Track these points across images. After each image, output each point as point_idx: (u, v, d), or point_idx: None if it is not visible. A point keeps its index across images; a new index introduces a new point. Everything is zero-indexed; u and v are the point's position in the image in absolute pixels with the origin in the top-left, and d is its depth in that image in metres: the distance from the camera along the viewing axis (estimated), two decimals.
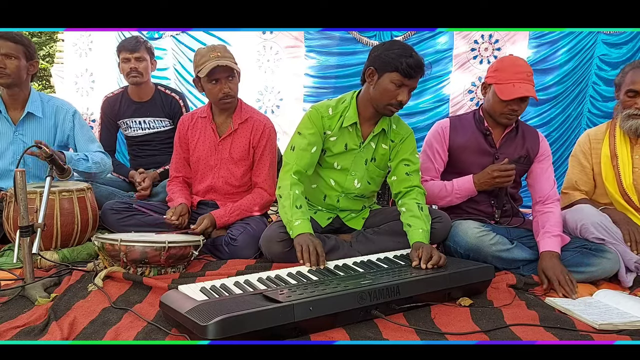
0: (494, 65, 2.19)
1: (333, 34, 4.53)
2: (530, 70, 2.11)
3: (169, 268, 1.92)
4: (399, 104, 1.96)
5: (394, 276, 1.61)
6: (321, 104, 2.13)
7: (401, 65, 1.88)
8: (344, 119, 2.08)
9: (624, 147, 2.26)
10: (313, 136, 2.07)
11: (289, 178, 2.04)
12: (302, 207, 1.97)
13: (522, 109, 2.14)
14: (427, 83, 4.57)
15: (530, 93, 2.05)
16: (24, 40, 2.35)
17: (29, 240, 1.69)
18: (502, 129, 2.25)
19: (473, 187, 2.18)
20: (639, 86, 2.14)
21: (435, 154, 2.28)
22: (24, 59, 2.36)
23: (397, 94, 1.93)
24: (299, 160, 2.05)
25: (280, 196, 2.04)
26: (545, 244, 2.00)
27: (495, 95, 2.12)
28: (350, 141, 2.12)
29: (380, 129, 2.11)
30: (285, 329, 1.33)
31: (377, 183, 2.26)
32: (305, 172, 2.08)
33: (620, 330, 1.49)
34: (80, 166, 2.41)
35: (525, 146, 2.24)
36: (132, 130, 3.05)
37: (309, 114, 2.10)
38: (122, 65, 2.95)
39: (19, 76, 2.36)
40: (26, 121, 2.46)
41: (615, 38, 4.27)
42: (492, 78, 2.15)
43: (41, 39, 9.91)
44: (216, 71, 2.21)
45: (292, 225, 1.93)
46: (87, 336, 1.36)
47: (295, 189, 2.01)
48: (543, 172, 2.24)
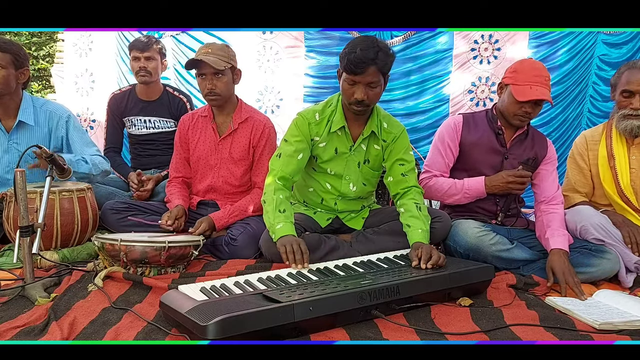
0: (513, 66, 2.19)
1: (333, 34, 4.53)
2: (548, 75, 2.11)
3: (169, 268, 1.92)
4: (357, 102, 1.93)
5: (394, 276, 1.61)
6: (307, 110, 2.11)
7: (345, 62, 1.87)
8: (332, 123, 2.06)
9: (621, 148, 2.26)
10: (300, 143, 2.05)
11: (273, 184, 2.01)
12: (285, 212, 1.93)
13: (536, 113, 2.15)
14: (427, 83, 4.58)
15: (546, 97, 2.05)
16: (12, 49, 2.27)
17: (29, 240, 1.68)
18: (513, 130, 2.25)
19: (483, 189, 2.18)
20: (634, 86, 2.14)
21: (447, 148, 2.27)
22: (12, 68, 2.28)
23: (353, 92, 1.92)
24: (285, 166, 2.03)
25: (264, 202, 2.01)
26: (555, 241, 2.00)
27: (511, 95, 2.12)
28: (340, 145, 2.10)
29: (369, 131, 2.09)
30: (285, 329, 1.33)
31: (372, 183, 2.26)
32: (291, 178, 2.05)
33: (620, 330, 1.49)
34: (80, 169, 2.40)
35: (535, 149, 2.24)
36: (137, 128, 3.05)
37: (295, 121, 2.09)
38: (132, 64, 2.96)
39: (8, 86, 2.29)
40: (19, 129, 2.42)
41: (615, 38, 4.27)
42: (510, 79, 2.15)
43: (41, 39, 9.91)
44: (201, 66, 2.24)
45: (274, 228, 1.89)
46: (87, 336, 1.36)
47: (279, 194, 1.97)
48: (549, 174, 2.25)
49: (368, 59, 1.84)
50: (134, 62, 2.95)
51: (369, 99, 1.93)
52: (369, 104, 1.96)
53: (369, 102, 1.94)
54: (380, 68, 1.87)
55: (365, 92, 1.91)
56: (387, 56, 1.88)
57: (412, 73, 4.57)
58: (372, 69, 1.86)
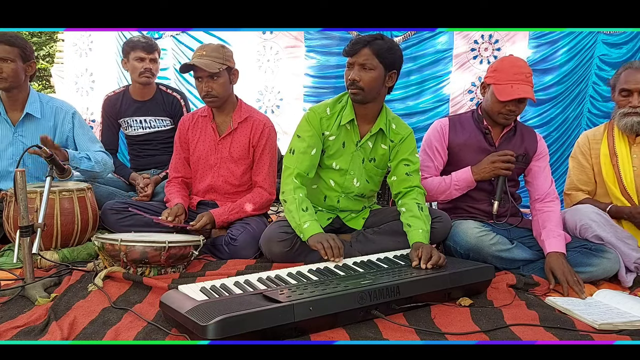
0: (493, 65, 2.19)
1: (333, 34, 4.54)
2: (529, 71, 2.11)
3: (169, 268, 1.92)
4: (351, 84, 1.98)
5: (394, 276, 1.61)
6: (318, 105, 2.14)
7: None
8: (342, 117, 2.09)
9: (623, 146, 2.28)
10: (312, 138, 2.07)
11: (291, 182, 2.04)
12: (308, 210, 1.99)
13: (520, 110, 2.15)
14: (427, 83, 4.58)
15: (528, 95, 2.05)
16: (19, 42, 2.32)
17: (29, 240, 1.68)
18: (500, 128, 2.25)
19: (471, 177, 2.17)
20: (631, 85, 2.18)
21: (435, 152, 2.28)
22: (20, 61, 2.34)
23: (349, 74, 2.00)
24: (300, 163, 2.06)
25: (285, 201, 2.05)
26: (551, 243, 2.01)
27: (493, 95, 2.12)
28: (347, 139, 2.12)
29: (377, 128, 2.11)
30: (285, 329, 1.33)
31: (375, 182, 2.26)
32: (307, 174, 2.08)
33: (620, 330, 1.49)
34: (82, 164, 2.41)
35: (524, 145, 2.24)
36: (133, 129, 3.05)
37: (306, 116, 2.11)
38: (134, 64, 2.91)
39: (17, 79, 2.34)
40: (25, 122, 2.45)
41: (615, 38, 4.28)
42: (491, 78, 2.15)
43: (41, 39, 9.92)
44: (196, 69, 2.24)
45: (301, 228, 1.95)
46: (87, 336, 1.36)
47: (299, 192, 2.02)
48: (541, 171, 2.26)
49: (363, 40, 1.95)
50: (136, 63, 2.91)
51: (362, 82, 1.96)
52: (362, 87, 1.97)
53: (363, 85, 1.97)
54: (375, 51, 1.93)
55: (359, 74, 1.95)
56: (386, 44, 1.96)
57: (412, 73, 4.57)
58: (365, 50, 1.94)
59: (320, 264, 1.80)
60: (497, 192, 2.18)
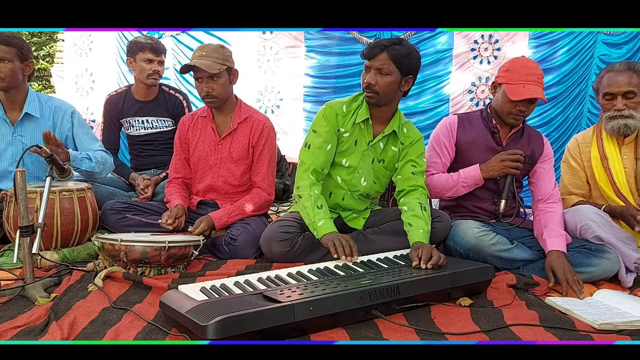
0: (506, 65, 2.20)
1: (333, 34, 4.54)
2: (541, 72, 2.12)
3: (169, 268, 1.92)
4: (367, 87, 1.99)
5: (394, 276, 1.61)
6: (335, 102, 2.15)
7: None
8: (357, 115, 2.10)
9: (613, 148, 2.28)
10: (328, 133, 2.08)
11: (307, 178, 2.05)
12: (322, 207, 2.00)
13: (530, 111, 2.16)
14: (427, 83, 4.58)
15: (540, 95, 2.06)
16: (16, 42, 2.31)
17: (29, 240, 1.68)
18: (508, 128, 2.26)
19: (480, 175, 2.18)
20: (614, 89, 2.18)
21: (443, 148, 2.28)
22: (18, 60, 2.33)
23: (365, 77, 2.01)
24: (315, 159, 2.07)
25: (299, 196, 2.05)
26: (553, 242, 2.01)
27: (504, 95, 2.12)
28: (360, 138, 2.13)
29: (391, 129, 2.12)
30: (285, 329, 1.33)
31: (382, 184, 2.26)
32: (322, 170, 2.09)
33: (620, 330, 1.49)
34: (83, 165, 2.41)
35: (531, 147, 2.25)
36: (135, 129, 3.05)
37: (323, 111, 2.12)
38: (142, 65, 2.90)
39: (14, 79, 2.33)
40: (24, 122, 2.45)
41: (615, 38, 4.28)
42: (503, 78, 2.16)
43: (41, 39, 9.91)
44: (196, 69, 2.24)
45: (315, 225, 1.96)
46: (87, 336, 1.36)
47: (314, 189, 2.03)
48: (546, 172, 2.26)
49: (381, 44, 1.95)
50: (144, 64, 2.89)
51: (378, 86, 1.97)
52: (378, 92, 1.98)
53: (379, 89, 1.97)
54: (392, 57, 1.94)
55: (375, 78, 1.96)
56: (404, 50, 1.95)
57: None
58: (383, 54, 1.94)
59: (320, 264, 1.80)
60: (505, 190, 2.19)
